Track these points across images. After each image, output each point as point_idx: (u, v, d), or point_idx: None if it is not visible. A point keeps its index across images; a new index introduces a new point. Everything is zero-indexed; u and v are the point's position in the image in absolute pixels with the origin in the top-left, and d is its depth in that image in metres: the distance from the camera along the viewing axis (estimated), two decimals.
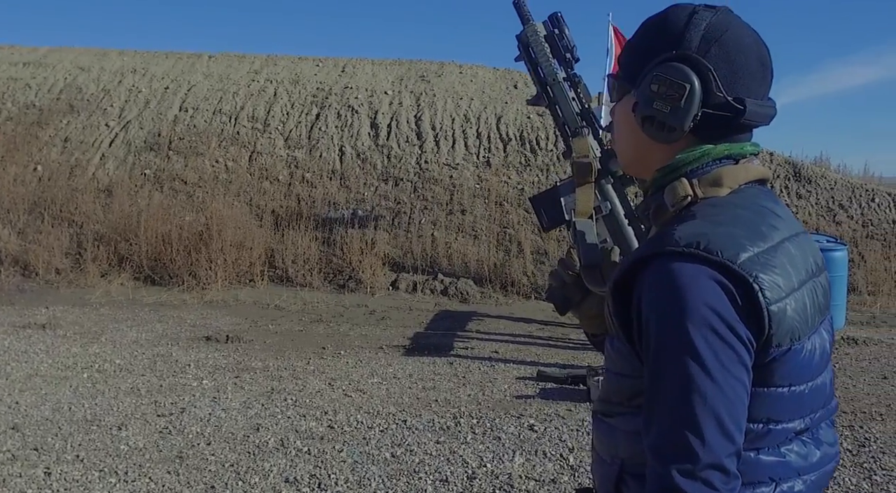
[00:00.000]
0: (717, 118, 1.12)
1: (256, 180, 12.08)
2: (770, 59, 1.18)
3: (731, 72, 1.12)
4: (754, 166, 1.16)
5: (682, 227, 1.06)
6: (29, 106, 13.56)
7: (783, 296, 1.03)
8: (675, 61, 1.12)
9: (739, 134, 1.16)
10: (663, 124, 1.13)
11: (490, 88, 13.46)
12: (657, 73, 1.12)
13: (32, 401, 5.40)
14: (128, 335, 7.70)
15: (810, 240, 1.18)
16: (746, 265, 1.01)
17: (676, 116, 1.11)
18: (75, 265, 10.82)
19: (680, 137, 1.13)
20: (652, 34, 1.19)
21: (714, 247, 1.01)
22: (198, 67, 14.42)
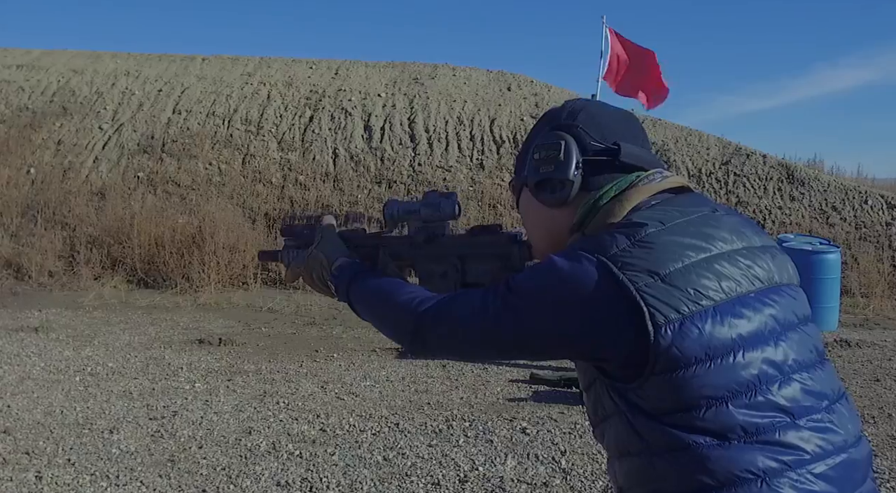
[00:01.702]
0: (599, 163, 1.22)
1: (250, 183, 12.07)
2: (636, 120, 1.32)
3: (599, 125, 1.25)
4: (654, 185, 1.20)
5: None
6: (22, 109, 13.54)
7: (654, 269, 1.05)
8: (549, 131, 1.26)
9: (623, 174, 1.23)
10: (554, 183, 1.23)
11: (484, 91, 13.47)
12: (536, 145, 1.26)
13: (24, 404, 5.39)
14: (120, 338, 7.68)
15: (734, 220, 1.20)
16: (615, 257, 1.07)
17: (560, 168, 1.21)
18: (68, 268, 10.79)
19: (571, 193, 1.22)
20: (532, 132, 1.33)
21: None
22: (191, 70, 14.41)
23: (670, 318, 1.03)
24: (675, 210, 1.15)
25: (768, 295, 1.12)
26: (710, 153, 11.88)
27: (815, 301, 8.26)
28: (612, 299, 1.05)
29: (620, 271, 1.05)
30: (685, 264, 1.06)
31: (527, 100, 13.13)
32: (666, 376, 1.04)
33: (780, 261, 1.19)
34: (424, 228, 1.52)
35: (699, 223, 1.13)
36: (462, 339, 1.18)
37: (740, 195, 11.24)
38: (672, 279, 1.05)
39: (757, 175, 11.52)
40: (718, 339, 1.04)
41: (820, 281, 8.19)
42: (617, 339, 1.06)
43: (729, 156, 11.83)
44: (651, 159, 1.25)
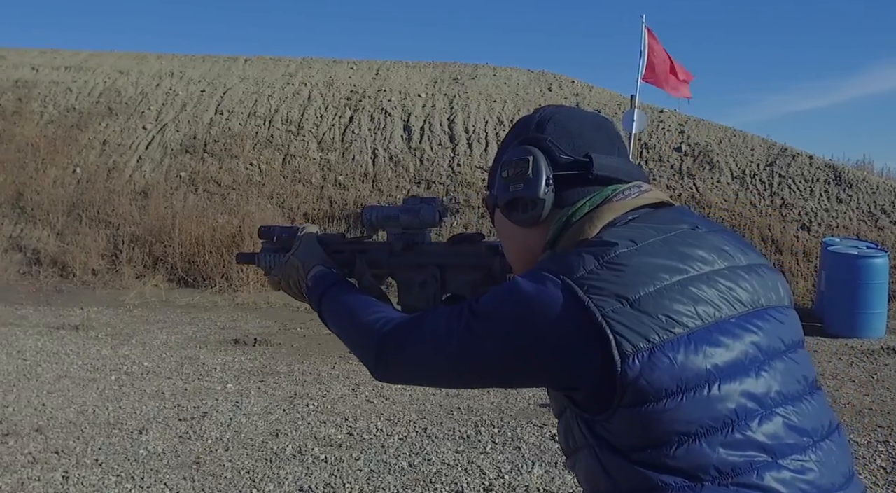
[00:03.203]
0: (571, 178, 1.14)
1: (289, 183, 12.14)
2: (611, 126, 1.24)
3: (569, 136, 1.16)
4: (629, 201, 1.13)
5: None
6: (70, 109, 13.81)
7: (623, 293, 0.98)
8: (517, 146, 1.18)
9: (599, 187, 1.15)
10: (524, 202, 1.15)
11: (524, 91, 13.36)
12: (503, 162, 1.19)
13: (59, 403, 5.46)
14: (158, 338, 7.77)
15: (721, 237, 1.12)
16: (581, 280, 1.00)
17: (530, 186, 1.13)
18: (111, 267, 10.98)
19: (543, 211, 1.15)
20: (502, 144, 1.26)
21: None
22: (234, 70, 14.55)
23: (639, 347, 0.95)
24: (649, 228, 1.07)
25: (751, 320, 1.03)
26: (755, 154, 11.60)
27: (862, 307, 8.00)
28: (577, 324, 0.97)
29: (586, 295, 0.97)
30: (658, 287, 0.98)
31: (567, 100, 12.98)
32: (634, 409, 0.96)
33: (767, 281, 1.10)
34: (404, 236, 1.47)
35: (676, 242, 1.05)
36: (425, 365, 1.12)
37: (785, 197, 10.95)
38: (642, 304, 0.97)
39: (803, 177, 11.21)
40: (692, 370, 0.95)
41: (867, 286, 7.94)
42: (582, 368, 0.97)
43: (774, 157, 11.54)
44: (629, 170, 1.18)
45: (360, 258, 1.48)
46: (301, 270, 1.44)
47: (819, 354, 7.26)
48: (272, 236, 1.61)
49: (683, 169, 11.38)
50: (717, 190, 11.04)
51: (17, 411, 5.32)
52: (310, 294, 1.39)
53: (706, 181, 11.16)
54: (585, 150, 1.15)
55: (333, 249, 1.50)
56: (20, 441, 4.70)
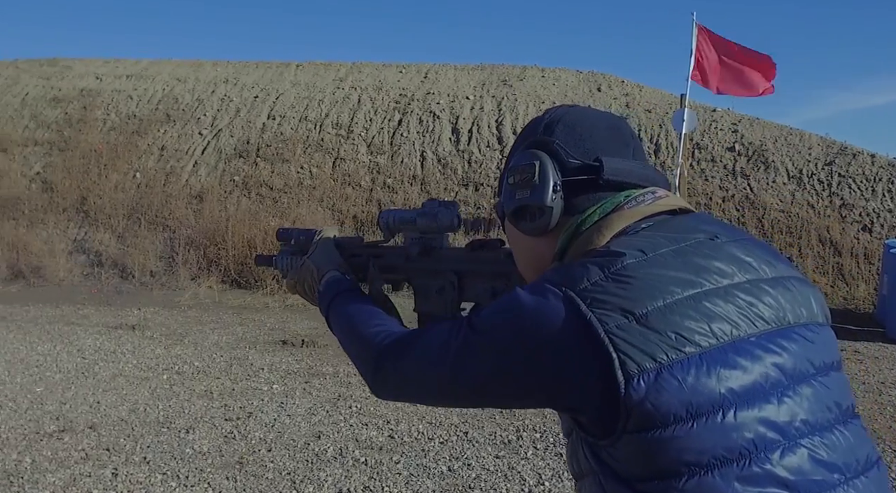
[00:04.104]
0: (580, 184, 1.08)
1: (339, 186, 12.29)
2: (625, 126, 1.16)
3: (579, 138, 1.10)
4: (642, 208, 1.05)
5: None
6: (130, 116, 14.22)
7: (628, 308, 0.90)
8: (523, 150, 1.12)
9: (611, 193, 1.09)
10: (532, 210, 1.09)
11: (573, 92, 13.28)
12: (510, 168, 1.12)
13: (112, 401, 5.64)
14: (209, 338, 7.95)
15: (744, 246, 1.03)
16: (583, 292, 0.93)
17: (536, 193, 1.07)
18: (168, 268, 11.28)
19: (551, 220, 1.08)
20: (512, 148, 1.19)
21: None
22: (286, 76, 14.80)
23: (644, 367, 0.87)
24: (662, 237, 0.99)
25: (774, 340, 0.93)
26: (812, 153, 11.32)
27: None
28: (578, 340, 0.89)
29: (589, 309, 0.90)
30: (668, 302, 0.90)
31: (617, 100, 12.86)
32: (640, 435, 0.88)
33: (797, 295, 0.99)
34: (421, 240, 1.43)
35: (690, 253, 0.97)
36: (421, 381, 1.07)
37: (845, 197, 10.66)
38: (650, 320, 0.88)
39: (864, 176, 10.90)
40: (704, 393, 0.86)
41: None
42: (583, 388, 0.90)
43: (833, 156, 11.24)
44: (644, 174, 1.10)
45: (372, 263, 1.46)
46: (315, 274, 1.42)
47: (881, 360, 7.06)
48: (290, 239, 1.60)
49: (737, 169, 11.17)
50: (772, 190, 10.81)
51: (74, 407, 5.51)
52: (320, 299, 1.37)
53: (761, 181, 10.93)
54: (596, 153, 1.08)
55: (350, 253, 1.48)
56: (75, 438, 4.86)
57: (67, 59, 16.18)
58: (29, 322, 8.63)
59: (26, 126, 13.96)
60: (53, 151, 13.40)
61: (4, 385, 6.06)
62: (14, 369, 6.58)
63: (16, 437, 4.89)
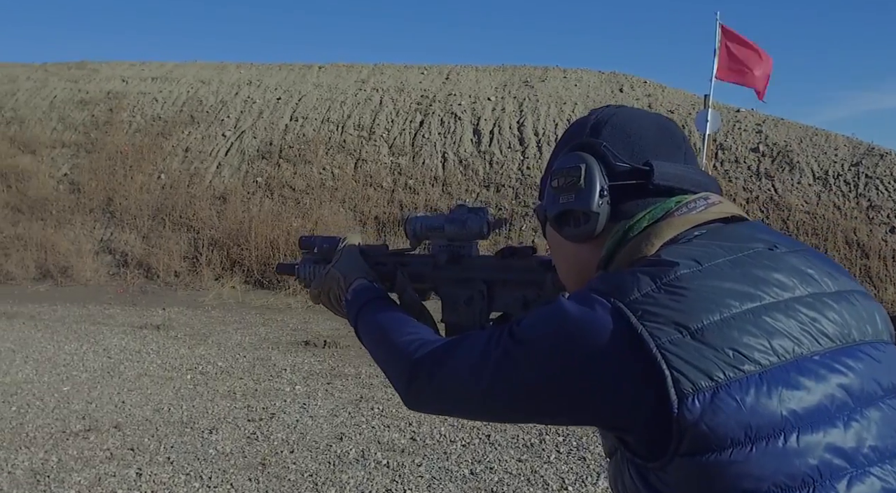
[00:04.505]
0: (628, 188, 1.02)
1: (361, 187, 12.33)
2: (676, 128, 1.11)
3: (628, 141, 1.04)
4: (693, 215, 0.99)
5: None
6: (155, 118, 14.36)
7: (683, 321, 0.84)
8: (568, 152, 1.06)
9: (661, 198, 1.03)
10: (576, 215, 1.04)
11: (595, 92, 13.23)
12: (553, 170, 1.07)
13: (137, 401, 5.69)
14: (233, 338, 8.01)
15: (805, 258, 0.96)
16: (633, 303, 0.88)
17: (582, 197, 1.02)
18: (192, 269, 11.37)
19: (597, 225, 1.03)
20: (554, 149, 1.14)
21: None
22: (308, 78, 14.87)
23: (700, 386, 0.80)
24: (717, 246, 0.92)
25: (839, 358, 0.86)
26: (839, 154, 11.19)
27: None
28: (627, 356, 0.83)
29: (640, 322, 0.84)
30: (725, 316, 0.84)
31: (639, 101, 12.79)
32: (693, 459, 0.81)
33: (861, 311, 0.92)
34: (448, 248, 1.39)
35: (748, 264, 0.90)
36: (458, 394, 1.01)
37: (872, 199, 10.53)
38: (706, 336, 0.82)
39: (892, 177, 10.75)
40: (764, 415, 0.80)
41: None
42: (632, 407, 0.84)
43: (860, 156, 11.10)
44: (696, 179, 1.04)
45: (401, 272, 1.41)
46: (342, 282, 1.36)
47: None
48: (313, 247, 1.55)
49: (761, 170, 11.07)
50: (797, 192, 10.70)
51: (100, 407, 5.57)
52: (348, 308, 1.32)
53: (785, 183, 10.82)
54: (646, 156, 1.02)
55: (376, 261, 1.43)
56: (100, 437, 4.92)
57: (95, 62, 16.38)
58: (56, 322, 8.75)
59: (54, 128, 14.15)
60: (80, 153, 13.57)
61: (32, 384, 6.15)
62: (42, 368, 6.67)
63: (43, 436, 4.95)
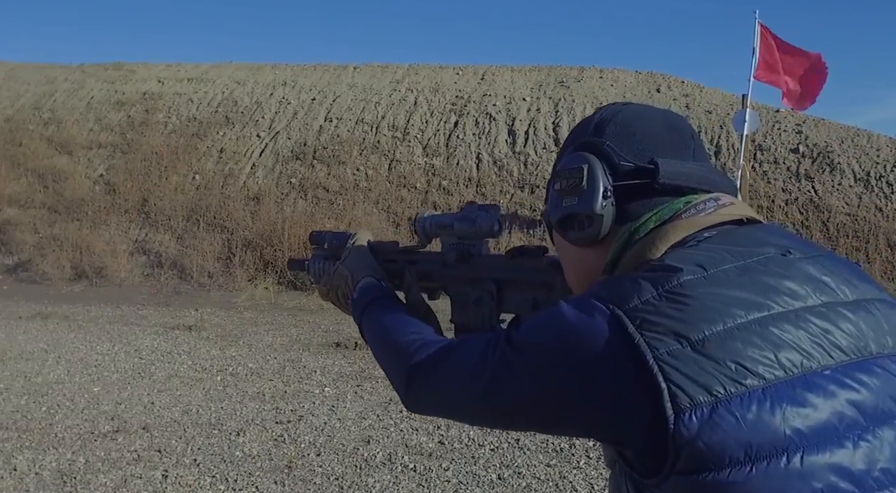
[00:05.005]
0: (634, 188, 0.97)
1: (394, 188, 12.30)
2: (684, 124, 1.06)
3: (633, 139, 1.00)
4: (701, 217, 0.95)
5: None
6: (191, 119, 14.48)
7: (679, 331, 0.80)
8: (572, 153, 1.02)
9: (668, 198, 0.98)
10: (580, 218, 1.00)
11: (631, 92, 13.04)
12: (556, 171, 1.03)
13: (166, 402, 5.69)
14: (264, 339, 8.00)
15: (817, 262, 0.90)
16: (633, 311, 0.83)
17: (585, 200, 0.98)
18: (225, 270, 11.43)
19: (601, 228, 0.99)
20: (560, 151, 1.10)
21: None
22: (343, 78, 14.88)
23: (698, 400, 0.76)
24: (725, 251, 0.87)
25: (851, 373, 0.80)
26: (881, 154, 10.88)
27: None
28: (624, 367, 0.79)
29: (638, 331, 0.79)
30: (728, 326, 0.79)
31: (677, 101, 12.58)
32: (689, 478, 0.77)
33: (882, 321, 0.86)
34: (458, 246, 1.35)
35: (758, 270, 0.85)
36: (454, 397, 0.98)
37: None
38: (707, 347, 0.77)
39: None
40: (766, 434, 0.75)
41: None
42: (629, 419, 0.79)
43: None
44: (707, 178, 0.99)
45: (409, 270, 1.38)
46: (350, 280, 1.35)
47: None
48: (323, 243, 1.53)
49: (801, 171, 10.80)
50: (837, 193, 10.42)
51: (129, 408, 5.58)
52: (353, 306, 1.30)
53: (826, 184, 10.55)
54: (651, 154, 0.98)
55: (385, 258, 1.41)
56: (128, 438, 4.92)
57: (131, 63, 16.59)
58: (90, 322, 8.83)
59: (91, 129, 14.34)
60: (116, 154, 13.73)
61: (63, 385, 6.19)
62: (73, 368, 6.71)
63: (71, 437, 4.97)
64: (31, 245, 12.07)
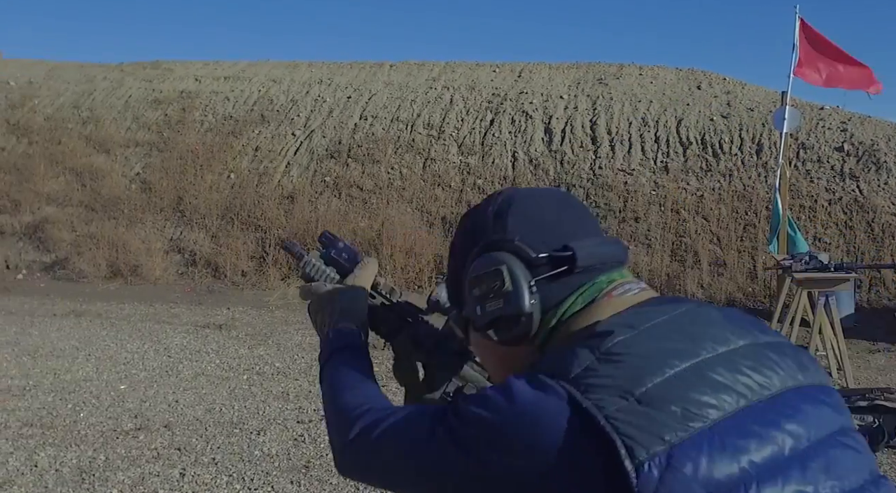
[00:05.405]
0: (554, 279, 0.97)
1: (429, 187, 12.20)
2: (574, 199, 1.08)
3: (537, 227, 1.00)
4: (628, 297, 0.96)
5: None
6: (227, 117, 14.54)
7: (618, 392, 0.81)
8: (480, 254, 1.00)
9: (586, 276, 0.98)
10: (509, 320, 0.98)
11: (671, 90, 12.77)
12: (471, 278, 1.01)
13: (190, 400, 5.66)
14: (293, 339, 7.96)
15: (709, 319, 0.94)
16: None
17: (511, 302, 0.96)
18: (258, 268, 11.44)
19: (533, 324, 0.97)
20: (457, 245, 1.08)
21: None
22: (379, 76, 14.83)
23: (654, 450, 0.77)
24: (650, 309, 0.92)
25: (785, 405, 0.85)
26: None
27: None
28: (578, 435, 0.79)
29: (585, 397, 0.80)
30: (667, 375, 0.82)
31: (718, 99, 12.28)
32: None
33: (791, 360, 0.91)
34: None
35: (682, 321, 0.90)
36: (393, 469, 0.96)
37: None
38: (651, 398, 0.80)
39: None
40: (721, 471, 0.78)
41: None
42: (589, 486, 0.79)
43: None
44: (612, 252, 1.00)
45: (405, 334, 1.36)
46: (334, 314, 1.31)
47: None
48: (331, 248, 1.46)
49: (845, 170, 10.45)
50: (884, 192, 10.05)
51: (153, 406, 5.56)
52: (324, 344, 1.28)
53: (871, 183, 10.19)
54: (561, 239, 0.98)
55: (385, 302, 1.40)
56: (149, 436, 4.89)
57: (169, 61, 16.72)
58: (122, 320, 8.88)
59: (128, 127, 14.48)
60: (153, 152, 13.84)
61: (91, 382, 6.20)
62: (102, 366, 6.73)
63: (94, 434, 4.95)
64: (68, 243, 12.22)
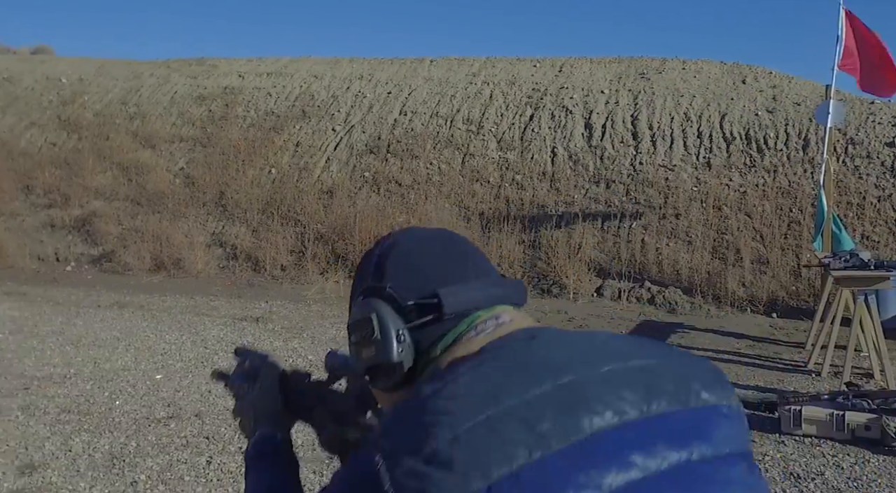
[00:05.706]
0: (426, 325, 0.95)
1: (467, 182, 12.17)
2: (459, 240, 1.06)
3: (412, 273, 0.98)
4: (481, 338, 0.93)
5: None
6: (269, 113, 14.70)
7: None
8: (359, 302, 1.00)
9: (455, 322, 0.96)
10: (384, 369, 0.96)
11: (715, 84, 12.53)
12: (349, 324, 1.01)
13: (222, 391, 5.70)
14: (328, 333, 8.00)
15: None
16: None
17: (381, 350, 0.95)
18: (297, 263, 11.54)
19: (402, 368, 0.96)
20: (351, 290, 1.07)
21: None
22: (419, 72, 14.84)
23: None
24: (484, 357, 0.88)
25: (638, 433, 0.81)
26: None
27: None
28: None
29: (387, 473, 0.77)
30: (459, 431, 0.78)
31: (763, 93, 12.01)
32: None
33: (657, 380, 0.85)
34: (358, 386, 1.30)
35: (507, 363, 0.85)
36: None
37: None
38: (440, 457, 0.76)
39: None
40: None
41: None
42: None
43: None
44: (489, 295, 0.98)
45: (320, 409, 1.34)
46: (252, 423, 1.29)
47: None
48: (245, 360, 1.42)
49: None
50: None
51: (186, 396, 5.63)
52: (246, 454, 1.26)
53: None
54: (432, 286, 0.96)
55: (297, 391, 1.35)
56: (180, 424, 4.95)
57: (214, 58, 16.96)
58: (163, 312, 9.02)
59: (173, 123, 14.72)
60: (196, 148, 14.05)
61: (129, 372, 6.31)
62: (141, 356, 6.85)
63: (127, 421, 5.04)
64: (114, 236, 12.48)
